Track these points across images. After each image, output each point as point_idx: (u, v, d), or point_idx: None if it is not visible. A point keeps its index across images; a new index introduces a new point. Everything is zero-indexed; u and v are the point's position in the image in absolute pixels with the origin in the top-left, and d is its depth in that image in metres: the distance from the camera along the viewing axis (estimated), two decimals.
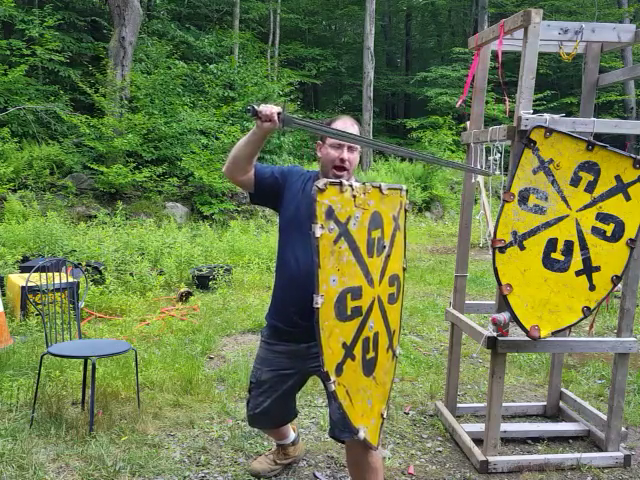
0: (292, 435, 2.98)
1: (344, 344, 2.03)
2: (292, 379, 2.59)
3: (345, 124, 2.45)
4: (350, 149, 2.42)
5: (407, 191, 2.34)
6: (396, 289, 2.29)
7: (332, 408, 2.36)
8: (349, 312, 2.04)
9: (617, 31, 3.02)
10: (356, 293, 2.06)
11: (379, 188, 2.14)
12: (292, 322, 2.44)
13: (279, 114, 2.19)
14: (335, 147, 2.43)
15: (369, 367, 2.16)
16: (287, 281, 2.47)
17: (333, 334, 1.99)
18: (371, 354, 2.15)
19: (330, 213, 1.96)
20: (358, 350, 2.09)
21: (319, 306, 1.93)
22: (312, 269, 1.94)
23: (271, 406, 2.62)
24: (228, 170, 2.45)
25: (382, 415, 2.27)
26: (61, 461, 2.96)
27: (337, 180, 2.01)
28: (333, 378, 2.01)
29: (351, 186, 2.02)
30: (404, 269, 2.36)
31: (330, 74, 21.52)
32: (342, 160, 2.40)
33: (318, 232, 1.93)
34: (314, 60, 20.58)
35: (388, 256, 2.20)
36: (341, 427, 2.31)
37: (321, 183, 1.93)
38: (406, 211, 2.34)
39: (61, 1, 14.44)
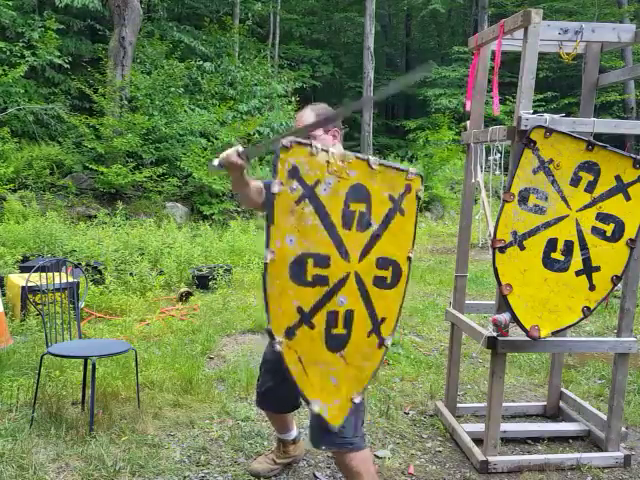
0: (294, 431, 2.98)
1: (300, 309, 1.97)
2: None
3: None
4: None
5: (422, 177, 2.19)
6: (391, 275, 2.16)
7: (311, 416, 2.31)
8: (309, 278, 1.98)
9: (617, 31, 3.02)
10: (322, 261, 1.99)
11: (367, 161, 2.05)
12: None
13: (239, 154, 2.13)
14: None
15: (335, 343, 2.08)
16: None
17: (284, 294, 1.94)
18: (340, 330, 2.07)
19: (294, 173, 1.90)
20: (319, 321, 2.02)
21: (267, 261, 1.90)
22: None
23: (275, 388, 2.65)
24: (244, 206, 2.51)
25: (352, 400, 2.16)
26: (61, 461, 2.96)
27: (307, 141, 1.93)
28: (279, 338, 1.95)
29: (326, 150, 1.95)
30: (409, 258, 2.21)
31: (330, 75, 21.51)
32: None
33: (276, 188, 1.88)
34: (313, 61, 20.56)
35: (378, 235, 2.10)
36: (315, 436, 2.32)
37: (287, 140, 1.87)
38: (419, 198, 2.19)
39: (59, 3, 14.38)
